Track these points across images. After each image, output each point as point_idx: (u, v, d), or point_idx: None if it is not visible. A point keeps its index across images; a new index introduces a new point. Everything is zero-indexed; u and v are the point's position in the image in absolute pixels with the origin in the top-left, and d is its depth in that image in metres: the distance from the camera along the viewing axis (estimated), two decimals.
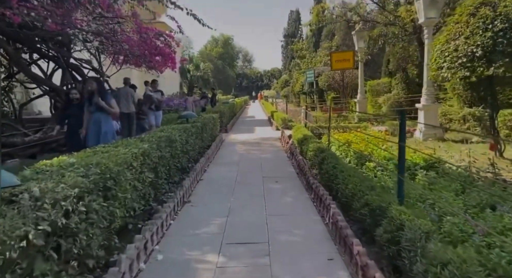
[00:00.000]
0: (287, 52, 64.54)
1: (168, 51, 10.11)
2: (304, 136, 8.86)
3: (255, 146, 10.63)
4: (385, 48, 19.23)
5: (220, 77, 60.37)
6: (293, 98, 36.54)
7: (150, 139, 4.91)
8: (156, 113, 10.33)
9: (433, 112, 9.45)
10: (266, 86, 75.98)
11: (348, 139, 8.89)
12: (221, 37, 74.43)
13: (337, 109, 18.38)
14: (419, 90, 14.17)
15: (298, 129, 10.54)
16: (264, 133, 13.80)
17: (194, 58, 40.71)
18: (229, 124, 16.17)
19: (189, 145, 6.92)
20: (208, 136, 9.57)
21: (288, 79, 48.34)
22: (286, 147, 10.10)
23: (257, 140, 12.03)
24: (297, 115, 18.99)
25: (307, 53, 31.90)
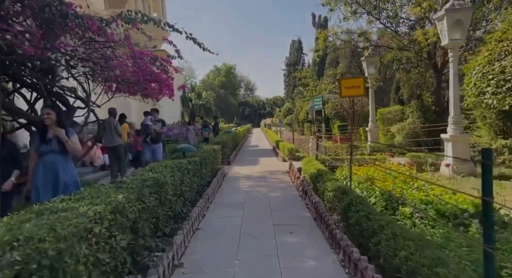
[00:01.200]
0: (289, 80, 64.56)
1: (165, 77, 9.21)
2: (318, 171, 7.74)
3: (262, 182, 9.47)
4: (394, 75, 18.48)
5: (222, 106, 60.04)
6: (297, 126, 35.66)
7: (131, 185, 3.80)
8: (155, 146, 9.29)
9: (463, 143, 8.35)
10: (269, 114, 75.60)
11: (368, 174, 7.77)
12: (224, 66, 75.06)
13: (344, 138, 17.33)
14: (436, 119, 13.18)
15: (309, 161, 9.43)
16: (270, 165, 12.66)
17: (196, 87, 40.31)
18: (232, 155, 15.08)
19: (184, 186, 5.79)
20: (208, 171, 8.46)
21: (291, 107, 47.75)
22: (296, 183, 8.94)
23: (263, 173, 10.88)
24: (303, 144, 17.92)
25: (311, 80, 31.34)
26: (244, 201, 7.19)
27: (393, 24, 12.90)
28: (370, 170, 8.42)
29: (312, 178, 7.92)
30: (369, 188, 6.70)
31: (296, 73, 38.59)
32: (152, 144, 8.98)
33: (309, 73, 32.76)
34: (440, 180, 7.09)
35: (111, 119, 9.22)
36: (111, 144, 9.02)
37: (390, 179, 6.76)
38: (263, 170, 11.44)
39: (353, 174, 8.28)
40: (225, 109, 61.34)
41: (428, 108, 13.04)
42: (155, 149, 9.04)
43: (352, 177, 8.27)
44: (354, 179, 7.96)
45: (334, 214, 6.01)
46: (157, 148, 9.08)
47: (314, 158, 9.97)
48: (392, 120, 16.14)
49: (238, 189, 8.57)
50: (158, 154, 9.08)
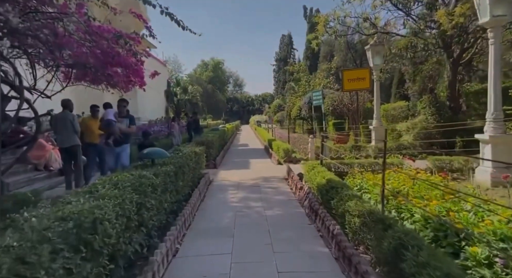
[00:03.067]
0: (279, 76, 62.84)
1: (133, 61, 7.31)
2: (329, 182, 6.01)
3: (255, 193, 7.68)
4: (393, 68, 16.88)
5: (210, 102, 57.90)
6: (288, 123, 33.97)
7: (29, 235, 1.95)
8: (119, 149, 7.33)
9: (505, 146, 6.69)
10: (258, 110, 73.77)
11: (393, 185, 6.09)
12: (211, 61, 72.80)
13: (342, 137, 15.63)
14: (452, 116, 11.62)
15: (312, 167, 7.69)
16: (263, 170, 10.87)
17: (182, 81, 38.15)
18: (219, 156, 13.23)
19: (147, 211, 3.96)
20: (187, 181, 6.62)
21: (281, 104, 46.03)
22: (299, 195, 7.17)
23: (256, 181, 9.09)
24: (297, 143, 16.20)
25: (303, 75, 29.63)
26: (233, 224, 5.38)
27: (405, 6, 11.18)
28: (391, 179, 6.75)
29: (321, 191, 6.17)
30: (402, 208, 5.00)
31: (288, 67, 36.80)
32: (116, 146, 7.04)
33: (302, 67, 31.07)
34: (491, 196, 5.44)
35: (66, 114, 7.28)
36: (64, 144, 7.10)
37: (433, 194, 5.07)
38: (256, 176, 9.64)
39: (371, 185, 6.59)
40: (213, 105, 59.23)
41: (443, 103, 11.46)
42: (119, 153, 7.09)
43: (371, 188, 6.57)
44: (373, 192, 6.27)
45: (361, 247, 4.28)
46: (123, 152, 7.13)
47: (317, 163, 8.22)
48: (397, 117, 14.55)
49: (225, 204, 6.76)
50: (124, 159, 7.14)
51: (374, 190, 6.22)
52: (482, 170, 6.75)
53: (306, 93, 24.98)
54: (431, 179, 6.50)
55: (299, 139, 18.17)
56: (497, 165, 6.51)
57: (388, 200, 5.49)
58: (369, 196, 6.10)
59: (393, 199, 5.39)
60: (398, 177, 6.92)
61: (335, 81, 24.05)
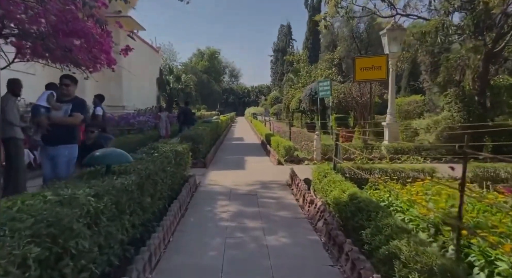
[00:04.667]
0: (277, 67, 61.03)
1: (98, 32, 5.57)
2: (353, 199, 4.48)
3: (252, 205, 6.05)
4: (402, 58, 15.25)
5: (205, 92, 55.87)
6: (285, 117, 32.32)
7: None
8: (53, 151, 5.04)
9: None
10: (254, 102, 71.92)
11: (441, 206, 4.56)
12: (207, 50, 70.55)
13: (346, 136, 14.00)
14: (482, 114, 10.04)
15: (324, 174, 6.15)
16: (261, 171, 9.23)
17: (175, 69, 36.21)
18: (210, 153, 11.57)
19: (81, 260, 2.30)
20: (163, 192, 4.96)
21: (278, 96, 44.32)
22: (309, 212, 5.55)
23: (252, 186, 7.46)
24: (297, 139, 14.58)
25: (304, 65, 27.87)
26: (221, 261, 3.74)
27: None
28: (430, 194, 5.22)
29: (342, 211, 4.57)
30: (487, 253, 3.42)
31: (287, 56, 35.03)
32: (49, 146, 5.06)
33: (303, 56, 29.35)
34: None
35: (8, 97, 5.56)
36: (8, 135, 5.36)
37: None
38: (253, 180, 8.00)
39: (405, 202, 5.04)
40: (208, 96, 57.23)
41: (472, 98, 9.87)
42: (54, 157, 5.05)
43: (404, 206, 5.03)
44: (410, 213, 4.73)
45: None
46: (59, 157, 5.04)
47: (329, 168, 6.59)
48: (412, 113, 12.97)
49: (212, 222, 5.11)
50: (61, 167, 5.00)
51: (412, 211, 4.63)
52: None
53: (306, 85, 23.31)
54: (491, 197, 4.92)
55: (298, 134, 16.55)
56: None
57: (439, 231, 3.93)
58: (404, 218, 4.52)
59: (449, 230, 3.81)
60: (437, 190, 5.36)
61: (338, 72, 22.41)
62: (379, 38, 12.60)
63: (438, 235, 3.94)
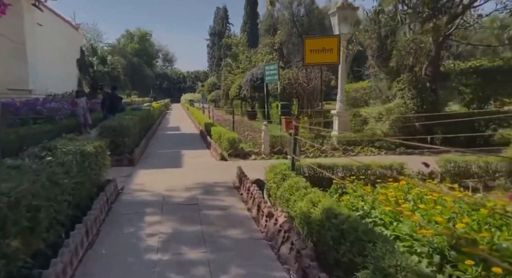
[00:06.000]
0: (214, 52, 58.78)
1: None
2: (330, 218, 3.32)
3: (192, 221, 4.59)
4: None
5: (136, 77, 51.66)
6: (224, 104, 30.79)
7: None
8: None
9: None
10: (190, 88, 68.88)
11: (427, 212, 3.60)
12: (138, 31, 65.37)
13: (289, 123, 13.02)
14: (435, 100, 9.62)
15: (283, 177, 4.94)
16: (202, 170, 7.74)
17: (100, 50, 32.36)
18: (139, 147, 9.73)
19: None
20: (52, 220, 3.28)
21: (216, 82, 42.48)
22: (267, 228, 4.27)
23: (192, 191, 5.96)
24: (240, 128, 13.29)
25: (243, 49, 26.42)
26: None
27: None
28: (412, 197, 4.34)
29: (318, 234, 3.37)
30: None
31: (225, 39, 33.26)
32: None
33: (242, 40, 27.84)
34: None
35: None
36: None
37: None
38: (193, 182, 6.49)
39: (387, 214, 4.04)
40: (139, 81, 53.05)
41: (424, 85, 9.38)
42: None
43: (386, 218, 4.04)
44: (399, 229, 3.74)
45: None
46: None
47: (286, 167, 5.38)
48: (360, 100, 12.37)
49: (134, 257, 3.57)
50: None
51: (401, 227, 3.57)
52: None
53: (247, 70, 22.00)
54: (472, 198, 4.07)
55: (240, 123, 15.26)
56: None
57: (445, 258, 2.91)
58: (390, 235, 3.48)
59: (464, 260, 2.79)
60: (418, 194, 4.45)
61: (279, 57, 21.43)
62: (320, 22, 11.81)
63: (444, 264, 2.90)
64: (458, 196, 4.03)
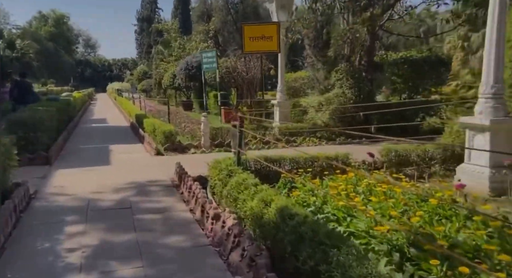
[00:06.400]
0: (143, 39, 55.48)
1: None
2: (285, 219, 3.04)
3: (125, 230, 3.94)
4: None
5: (53, 64, 46.52)
6: (156, 94, 29.15)
7: None
8: None
9: (507, 134, 4.73)
10: (118, 77, 64.39)
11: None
12: (52, 13, 58.87)
13: (230, 114, 12.60)
14: (371, 90, 9.90)
15: (229, 173, 4.54)
16: (135, 167, 6.95)
17: (7, 33, 28.32)
18: (58, 142, 8.51)
19: None
20: None
21: (147, 70, 40.14)
22: (214, 232, 3.80)
23: (124, 193, 5.23)
24: (176, 119, 12.52)
25: (176, 36, 25.05)
26: None
27: None
28: (362, 191, 4.22)
29: (274, 238, 3.02)
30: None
31: (156, 25, 31.33)
32: None
33: (174, 26, 26.35)
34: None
35: None
36: None
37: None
38: (124, 182, 5.72)
39: (340, 209, 3.86)
40: (56, 68, 47.88)
41: (361, 74, 9.58)
42: None
43: (339, 213, 3.85)
44: (357, 227, 3.54)
45: None
46: None
47: (231, 161, 4.97)
48: (299, 90, 12.38)
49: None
50: None
51: (356, 223, 3.37)
52: (470, 170, 4.66)
53: (181, 58, 20.93)
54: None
55: (176, 115, 14.42)
56: (497, 164, 4.49)
57: (404, 256, 2.76)
58: (344, 232, 3.28)
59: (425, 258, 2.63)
60: (367, 186, 4.35)
61: (215, 45, 20.73)
62: (255, 11, 11.53)
63: (404, 262, 2.73)
64: (407, 186, 3.95)
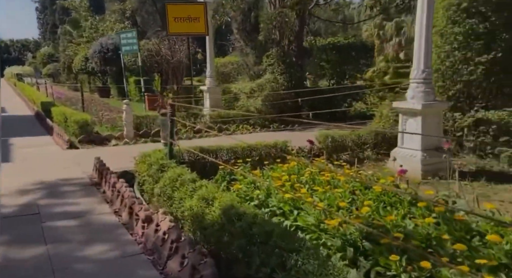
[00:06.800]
0: (46, 18, 49.22)
1: None
2: (231, 219, 2.76)
3: (32, 242, 3.21)
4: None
5: None
6: (66, 79, 26.15)
7: None
8: None
9: (435, 118, 4.95)
10: (17, 60, 56.52)
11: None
12: None
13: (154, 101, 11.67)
14: (302, 76, 9.85)
15: (160, 167, 4.08)
16: (44, 163, 5.93)
17: None
18: None
19: None
20: None
21: (53, 53, 35.81)
22: (146, 238, 3.30)
23: (31, 195, 4.36)
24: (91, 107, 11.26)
25: (87, 15, 22.49)
26: None
27: None
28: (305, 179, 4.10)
29: (219, 242, 2.67)
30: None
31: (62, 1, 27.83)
32: None
33: (84, 3, 23.51)
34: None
35: None
36: None
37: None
38: (31, 183, 4.78)
39: (286, 202, 3.68)
40: None
41: (292, 60, 9.50)
42: None
43: (286, 206, 3.67)
44: (309, 227, 3.41)
45: None
46: None
47: (163, 154, 4.46)
48: (229, 76, 11.98)
49: None
50: None
51: (306, 217, 3.17)
52: (404, 154, 4.81)
53: (94, 40, 18.90)
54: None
55: (91, 102, 13.00)
56: (428, 147, 4.70)
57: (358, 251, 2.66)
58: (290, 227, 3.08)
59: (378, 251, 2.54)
60: (309, 175, 4.22)
61: (133, 26, 19.10)
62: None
63: (358, 257, 2.60)
64: (350, 174, 3.88)
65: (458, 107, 5.39)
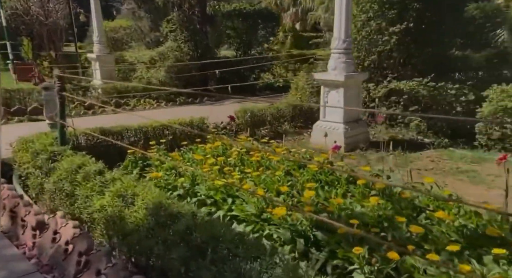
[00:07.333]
0: None
1: None
2: (164, 225, 2.18)
3: None
4: None
5: None
6: None
7: None
8: None
9: (355, 89, 4.95)
10: None
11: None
12: None
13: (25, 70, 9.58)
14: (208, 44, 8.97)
15: (50, 155, 3.21)
16: None
17: None
18: None
19: None
20: None
21: None
22: (40, 250, 2.52)
23: None
24: None
25: None
26: None
27: None
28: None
29: (156, 253, 2.11)
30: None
31: None
32: None
33: None
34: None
35: None
36: None
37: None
38: None
39: (217, 193, 3.27)
40: None
41: (196, 26, 8.61)
42: None
43: (214, 193, 3.27)
44: (249, 218, 3.06)
45: None
46: None
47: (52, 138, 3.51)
48: (121, 42, 10.54)
49: None
50: None
51: (246, 206, 2.84)
52: (326, 127, 4.72)
53: None
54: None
55: None
56: (349, 119, 4.74)
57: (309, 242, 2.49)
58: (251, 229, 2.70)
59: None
60: (236, 155, 3.87)
61: None
62: None
63: (309, 248, 2.38)
64: (282, 153, 3.63)
65: (372, 78, 5.59)
